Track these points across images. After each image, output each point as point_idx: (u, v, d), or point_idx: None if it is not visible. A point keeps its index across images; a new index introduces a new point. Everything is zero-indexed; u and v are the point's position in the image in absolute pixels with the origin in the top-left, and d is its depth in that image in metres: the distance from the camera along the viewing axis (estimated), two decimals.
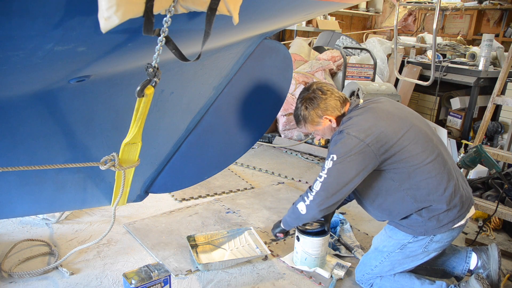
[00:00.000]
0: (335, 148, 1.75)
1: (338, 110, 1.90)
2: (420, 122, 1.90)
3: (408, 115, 1.89)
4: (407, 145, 1.76)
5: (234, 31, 1.58)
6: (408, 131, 1.79)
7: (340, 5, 2.81)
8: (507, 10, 5.25)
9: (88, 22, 1.02)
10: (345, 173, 1.73)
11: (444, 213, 1.81)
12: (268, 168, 3.83)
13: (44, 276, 2.08)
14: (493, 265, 1.98)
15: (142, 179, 2.14)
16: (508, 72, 3.10)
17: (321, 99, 1.88)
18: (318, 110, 1.89)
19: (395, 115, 1.83)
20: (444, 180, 1.80)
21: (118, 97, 1.66)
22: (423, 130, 1.85)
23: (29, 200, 1.80)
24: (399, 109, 1.91)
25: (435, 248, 1.90)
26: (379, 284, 2.03)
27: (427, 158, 1.78)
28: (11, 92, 1.39)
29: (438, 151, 1.83)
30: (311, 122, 1.94)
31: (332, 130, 1.97)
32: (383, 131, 1.74)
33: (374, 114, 1.80)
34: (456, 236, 1.91)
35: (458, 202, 1.82)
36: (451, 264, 2.09)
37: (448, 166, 1.84)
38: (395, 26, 3.46)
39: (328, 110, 1.89)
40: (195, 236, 2.42)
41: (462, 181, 1.91)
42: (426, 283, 1.96)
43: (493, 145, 4.13)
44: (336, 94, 1.91)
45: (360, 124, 1.76)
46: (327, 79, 4.52)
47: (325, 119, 1.91)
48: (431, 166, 1.79)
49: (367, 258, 2.07)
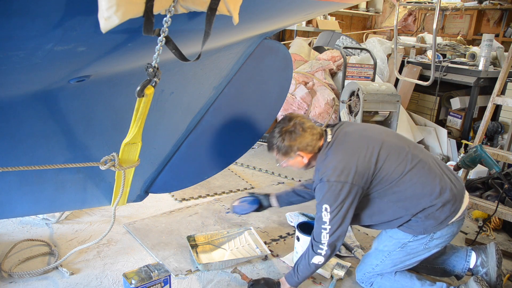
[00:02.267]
0: (324, 198, 1.79)
1: (313, 148, 1.90)
2: (389, 136, 1.94)
3: (375, 134, 1.93)
4: (382, 166, 1.81)
5: (234, 31, 1.58)
6: (379, 151, 1.83)
7: (340, 5, 2.81)
8: (507, 10, 5.25)
9: (88, 22, 1.02)
10: (346, 216, 1.79)
11: (439, 210, 1.82)
12: (268, 168, 3.83)
13: (44, 276, 2.08)
14: (491, 263, 2.01)
15: (142, 179, 2.14)
16: (508, 72, 3.10)
17: (299, 135, 1.87)
18: (295, 145, 1.88)
19: (362, 141, 1.86)
20: (428, 181, 1.83)
21: (118, 97, 1.66)
22: (393, 143, 1.88)
23: (29, 200, 1.80)
24: (365, 130, 1.94)
25: (436, 245, 1.92)
26: (379, 283, 2.03)
27: (405, 169, 1.82)
28: (11, 92, 1.39)
29: (413, 157, 1.85)
30: (284, 154, 1.92)
31: (301, 164, 1.97)
32: (359, 165, 1.78)
33: (344, 152, 1.83)
34: (456, 231, 1.93)
35: (450, 196, 1.83)
36: (451, 263, 2.11)
37: (428, 166, 1.86)
38: (395, 26, 3.46)
39: (304, 148, 1.89)
40: (195, 236, 2.42)
41: (450, 174, 1.92)
42: (426, 284, 1.97)
43: (493, 145, 4.13)
44: (315, 131, 1.90)
45: (335, 168, 1.78)
46: (327, 79, 4.53)
47: (298, 155, 1.92)
48: (412, 174, 1.82)
49: (368, 257, 2.07)
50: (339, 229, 1.80)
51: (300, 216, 2.76)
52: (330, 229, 1.79)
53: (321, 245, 1.82)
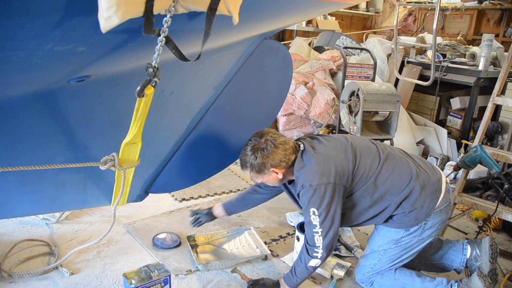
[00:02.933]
0: (310, 203, 1.79)
1: (287, 163, 1.87)
2: (353, 138, 2.00)
3: (341, 138, 1.98)
4: (359, 162, 1.86)
5: (234, 31, 1.58)
6: (352, 148, 1.90)
7: (340, 5, 2.81)
8: (507, 10, 5.25)
9: (88, 22, 1.02)
10: (335, 216, 1.81)
11: (421, 194, 1.86)
12: None
13: (44, 276, 2.08)
14: (484, 258, 2.03)
15: (142, 179, 2.13)
16: (508, 72, 3.09)
17: (272, 152, 1.84)
18: (268, 162, 1.85)
19: (333, 145, 1.92)
20: (402, 168, 1.89)
21: (118, 97, 1.66)
22: (361, 142, 1.96)
23: (29, 200, 1.80)
24: (331, 138, 1.99)
25: (428, 235, 1.96)
26: (379, 283, 2.03)
27: (379, 162, 1.89)
28: (11, 92, 1.39)
29: (382, 150, 1.94)
30: (258, 171, 1.89)
31: (276, 180, 1.94)
32: (337, 164, 1.81)
33: (319, 154, 1.84)
34: (446, 218, 1.98)
35: (426, 177, 1.90)
36: (449, 257, 2.14)
37: (398, 156, 1.95)
38: (395, 26, 3.46)
39: (278, 164, 1.86)
40: (195, 236, 2.42)
41: (419, 161, 1.99)
42: (426, 280, 1.98)
43: (493, 145, 4.13)
44: (287, 146, 1.87)
45: (315, 172, 1.78)
46: (327, 79, 4.53)
47: (272, 171, 1.89)
48: (386, 165, 1.89)
49: (365, 259, 2.08)
50: (331, 230, 1.81)
51: (300, 216, 2.76)
52: (322, 232, 1.80)
53: (316, 248, 1.83)
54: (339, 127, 3.98)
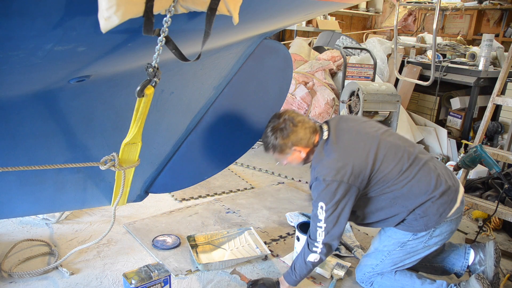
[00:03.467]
0: (320, 196, 1.79)
1: (308, 141, 1.89)
2: (385, 133, 1.93)
3: (372, 130, 1.92)
4: (379, 167, 1.81)
5: (234, 31, 1.58)
6: (376, 151, 1.83)
7: (340, 5, 2.81)
8: (507, 10, 5.25)
9: (88, 22, 1.02)
10: (341, 216, 1.79)
11: (436, 203, 1.83)
12: (268, 168, 3.83)
13: (44, 276, 2.08)
14: (489, 262, 2.01)
15: (142, 179, 2.13)
16: (508, 72, 3.09)
17: (291, 131, 1.86)
18: (289, 141, 1.87)
19: (359, 139, 1.87)
20: (423, 176, 1.84)
21: (118, 97, 1.66)
22: (390, 142, 1.88)
23: (29, 200, 1.80)
24: (362, 128, 1.93)
25: (435, 242, 1.93)
26: (379, 283, 2.03)
27: (402, 168, 1.83)
28: (11, 92, 1.39)
29: (409, 154, 1.86)
30: (280, 151, 1.92)
31: (299, 159, 1.96)
32: (355, 165, 1.78)
33: (340, 150, 1.82)
34: (454, 229, 1.94)
35: (445, 187, 1.84)
36: (451, 261, 2.11)
37: (423, 161, 1.87)
38: (395, 26, 3.46)
39: (298, 142, 1.88)
40: (195, 236, 2.42)
41: (441, 166, 1.94)
42: (426, 282, 1.97)
43: (493, 145, 4.13)
44: (307, 125, 1.89)
45: (331, 167, 1.78)
46: (327, 79, 4.52)
47: (294, 150, 1.91)
48: (408, 172, 1.83)
49: (368, 258, 2.07)
50: (335, 228, 1.79)
51: (300, 216, 2.76)
52: (325, 228, 1.79)
53: (316, 243, 1.82)
54: None
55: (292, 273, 1.93)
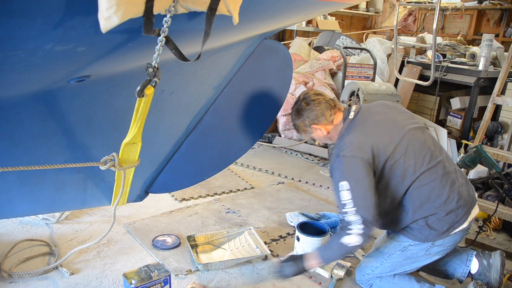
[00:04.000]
0: (340, 175, 1.74)
1: (326, 118, 1.89)
2: (417, 129, 1.86)
3: (404, 123, 1.86)
4: (398, 159, 1.76)
5: (234, 31, 1.58)
6: (399, 142, 1.78)
7: (340, 5, 2.81)
8: (507, 10, 5.25)
9: (88, 22, 1.02)
10: (366, 190, 1.72)
11: (441, 219, 1.79)
12: (268, 168, 3.83)
13: (44, 276, 2.08)
14: (494, 274, 1.94)
15: (142, 179, 2.13)
16: (508, 72, 3.10)
17: (305, 110, 1.90)
18: (305, 120, 1.92)
19: (387, 126, 1.83)
20: (437, 186, 1.78)
21: (118, 97, 1.66)
22: (418, 137, 1.82)
23: (29, 200, 1.80)
24: (395, 116, 1.88)
25: (437, 252, 1.89)
26: (378, 285, 2.03)
27: (421, 168, 1.77)
28: (11, 92, 1.39)
29: (432, 157, 1.80)
30: (303, 131, 1.99)
31: (322, 136, 1.96)
32: (374, 146, 1.75)
33: (363, 130, 1.81)
34: (459, 240, 1.89)
35: (455, 206, 1.79)
36: (453, 266, 2.07)
37: (445, 170, 1.80)
38: (395, 26, 3.46)
39: (314, 120, 1.90)
40: (195, 236, 2.42)
41: (463, 182, 1.87)
42: (425, 286, 1.95)
43: (493, 145, 4.13)
44: (322, 103, 1.89)
45: (352, 144, 1.76)
46: (327, 79, 4.52)
47: (313, 128, 1.93)
48: (424, 175, 1.78)
49: (368, 259, 2.06)
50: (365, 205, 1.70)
51: (300, 216, 2.76)
52: (357, 210, 1.69)
53: (352, 224, 1.71)
54: None
55: (326, 250, 1.86)
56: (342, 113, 1.92)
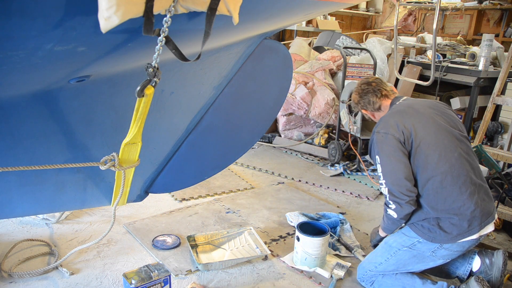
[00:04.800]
0: (375, 150, 1.92)
1: (374, 107, 2.14)
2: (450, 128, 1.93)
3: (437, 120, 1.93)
4: (425, 148, 1.85)
5: (234, 31, 1.58)
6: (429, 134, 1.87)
7: (340, 5, 2.81)
8: (507, 10, 5.25)
9: (88, 22, 1.02)
10: (395, 166, 1.85)
11: (454, 224, 1.81)
12: (268, 168, 3.83)
13: (44, 276, 2.08)
14: (495, 272, 1.96)
15: (142, 179, 2.13)
16: (508, 72, 3.10)
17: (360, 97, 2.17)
18: (358, 105, 2.21)
19: (425, 116, 1.94)
20: (455, 191, 1.81)
21: (118, 97, 1.66)
22: (448, 136, 1.89)
23: (29, 200, 1.80)
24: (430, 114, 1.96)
25: (443, 255, 1.90)
26: (380, 282, 2.03)
27: (444, 166, 1.83)
28: (11, 92, 1.39)
29: (459, 162, 1.84)
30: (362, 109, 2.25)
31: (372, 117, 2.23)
32: (407, 126, 1.88)
33: (402, 113, 1.96)
34: (468, 247, 1.89)
35: (470, 216, 1.81)
36: (455, 264, 2.08)
37: (469, 179, 1.84)
38: (395, 26, 3.46)
39: (365, 106, 2.17)
40: (195, 236, 2.42)
41: (485, 197, 1.88)
42: (428, 282, 1.96)
43: (493, 145, 4.13)
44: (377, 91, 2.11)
45: (386, 122, 1.94)
46: (327, 79, 4.52)
47: (363, 111, 2.24)
48: (447, 177, 1.82)
49: (373, 255, 2.07)
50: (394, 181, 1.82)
51: (300, 216, 2.76)
52: (385, 183, 1.86)
53: (387, 199, 1.89)
54: (339, 127, 3.98)
55: (382, 222, 2.03)
56: (391, 100, 2.11)
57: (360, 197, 3.30)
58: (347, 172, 3.77)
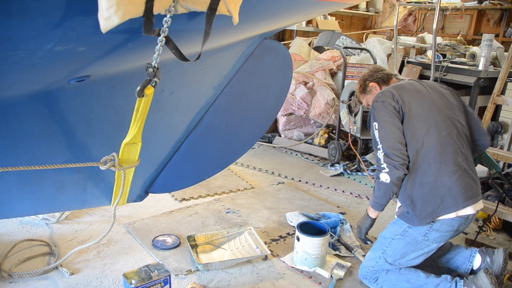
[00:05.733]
0: (373, 117, 2.01)
1: (382, 79, 2.26)
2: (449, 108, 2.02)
3: (436, 99, 2.03)
4: (415, 122, 1.94)
5: (234, 31, 1.58)
6: (422, 108, 1.96)
7: (340, 5, 2.81)
8: (507, 10, 5.25)
9: (88, 22, 1.02)
10: (390, 130, 1.93)
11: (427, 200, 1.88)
12: (268, 168, 3.83)
13: (44, 276, 2.08)
14: (496, 270, 1.98)
15: (142, 179, 2.14)
16: (508, 72, 3.10)
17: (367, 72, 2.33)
18: (366, 80, 2.30)
19: (421, 93, 2.04)
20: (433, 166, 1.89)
21: (118, 97, 1.66)
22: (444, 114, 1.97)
23: (29, 200, 1.80)
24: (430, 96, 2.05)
25: (435, 238, 1.93)
26: (384, 278, 2.03)
27: (426, 142, 1.91)
28: (11, 92, 1.39)
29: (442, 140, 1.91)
30: (362, 91, 2.35)
31: None
32: (402, 97, 1.98)
33: (398, 86, 2.08)
34: (457, 228, 1.92)
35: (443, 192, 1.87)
36: (455, 263, 2.12)
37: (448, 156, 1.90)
38: (395, 26, 3.47)
39: (372, 78, 2.27)
40: (195, 236, 2.42)
41: (467, 178, 1.92)
42: (431, 276, 1.98)
43: (493, 145, 4.13)
44: (380, 69, 2.29)
45: (384, 92, 2.04)
46: (327, 79, 4.52)
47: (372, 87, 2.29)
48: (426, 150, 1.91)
49: (371, 251, 2.10)
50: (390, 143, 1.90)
51: (300, 216, 2.76)
52: (382, 147, 1.92)
53: (381, 164, 1.93)
54: (339, 127, 3.98)
55: (372, 198, 2.04)
56: (392, 78, 2.27)
57: (360, 197, 3.30)
58: (347, 172, 3.77)
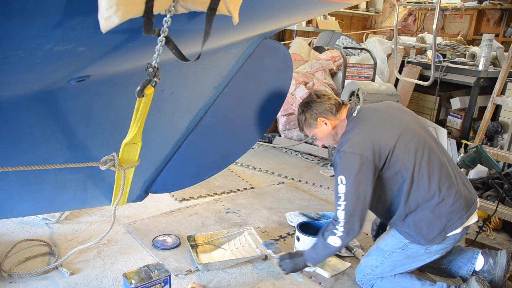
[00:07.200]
0: (339, 169, 1.79)
1: (332, 113, 1.96)
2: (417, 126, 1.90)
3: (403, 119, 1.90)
4: (398, 154, 1.79)
5: (234, 31, 1.58)
6: (399, 138, 1.80)
7: (340, 5, 2.81)
8: (507, 10, 5.25)
9: (88, 22, 1.02)
10: (361, 191, 1.76)
11: (432, 222, 1.80)
12: (268, 168, 3.83)
13: (44, 276, 2.08)
14: (498, 272, 1.95)
15: (142, 179, 2.14)
16: (508, 72, 3.10)
17: (315, 102, 1.98)
18: (312, 112, 1.98)
19: (386, 123, 1.86)
20: (432, 188, 1.79)
21: (118, 97, 1.66)
22: (417, 134, 1.85)
23: (29, 200, 1.80)
24: (394, 114, 1.92)
25: (436, 250, 1.89)
26: (379, 285, 2.02)
27: (419, 165, 1.79)
28: (11, 92, 1.39)
29: (431, 157, 1.82)
30: (308, 124, 2.03)
31: (329, 135, 2.01)
32: (375, 142, 1.78)
33: (364, 127, 1.85)
34: (459, 238, 1.89)
35: (447, 211, 1.80)
36: (457, 264, 2.07)
37: (439, 173, 1.81)
38: (395, 26, 3.46)
39: (323, 112, 1.96)
40: (195, 236, 2.42)
41: (462, 185, 1.87)
42: (426, 284, 1.95)
43: (493, 145, 4.13)
44: (332, 98, 1.99)
45: (353, 140, 1.80)
46: (327, 79, 4.52)
47: (319, 121, 1.98)
48: (422, 174, 1.79)
49: (368, 258, 2.06)
50: (356, 206, 1.74)
51: (300, 216, 2.76)
52: (345, 205, 1.75)
53: (337, 224, 1.77)
54: None
55: (313, 250, 1.92)
56: (347, 111, 1.98)
57: None
58: None
